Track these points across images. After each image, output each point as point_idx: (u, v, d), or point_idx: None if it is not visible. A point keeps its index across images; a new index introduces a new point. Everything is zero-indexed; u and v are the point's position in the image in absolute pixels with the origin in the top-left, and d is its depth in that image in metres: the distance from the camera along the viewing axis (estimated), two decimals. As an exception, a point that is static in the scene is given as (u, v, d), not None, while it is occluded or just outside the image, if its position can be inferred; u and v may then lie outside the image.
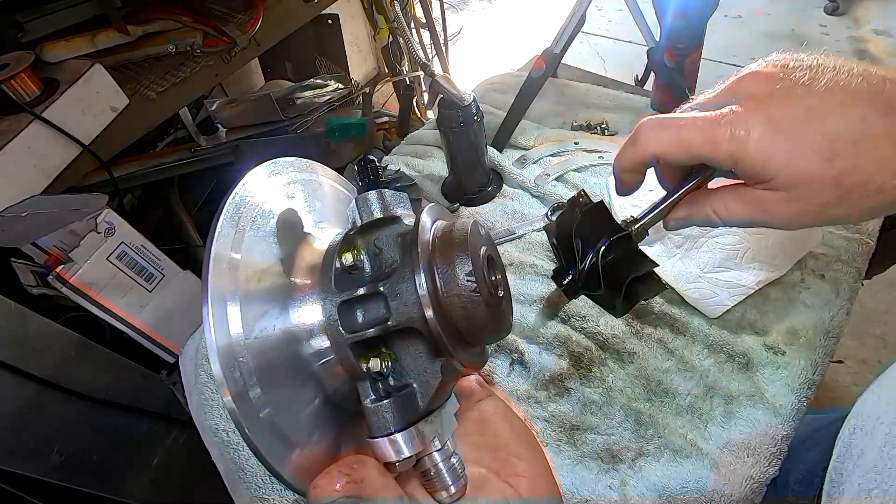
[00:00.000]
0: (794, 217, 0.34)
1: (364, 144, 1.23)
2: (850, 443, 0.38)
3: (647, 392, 0.59)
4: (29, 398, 0.65)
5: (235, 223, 0.27)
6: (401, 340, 0.28)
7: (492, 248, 0.31)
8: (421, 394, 0.27)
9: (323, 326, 0.27)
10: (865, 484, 0.33)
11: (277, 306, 0.27)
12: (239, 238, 0.26)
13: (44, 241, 0.67)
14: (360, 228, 0.30)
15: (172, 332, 0.80)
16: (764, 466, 0.52)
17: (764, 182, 0.33)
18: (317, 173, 0.36)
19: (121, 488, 0.78)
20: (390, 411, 0.26)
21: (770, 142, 0.32)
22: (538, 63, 0.85)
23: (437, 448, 0.29)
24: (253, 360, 0.24)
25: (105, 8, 0.99)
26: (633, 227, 0.41)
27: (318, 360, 0.28)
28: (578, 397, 0.59)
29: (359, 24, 1.68)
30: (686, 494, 0.51)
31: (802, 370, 0.58)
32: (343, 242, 0.29)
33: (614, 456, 0.54)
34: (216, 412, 0.64)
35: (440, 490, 0.29)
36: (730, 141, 0.32)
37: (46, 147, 0.80)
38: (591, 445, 0.55)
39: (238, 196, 0.29)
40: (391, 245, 0.28)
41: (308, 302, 0.28)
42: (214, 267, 0.24)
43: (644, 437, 0.55)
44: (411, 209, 0.32)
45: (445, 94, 0.71)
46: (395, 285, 0.27)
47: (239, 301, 0.24)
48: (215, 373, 0.22)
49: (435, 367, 0.27)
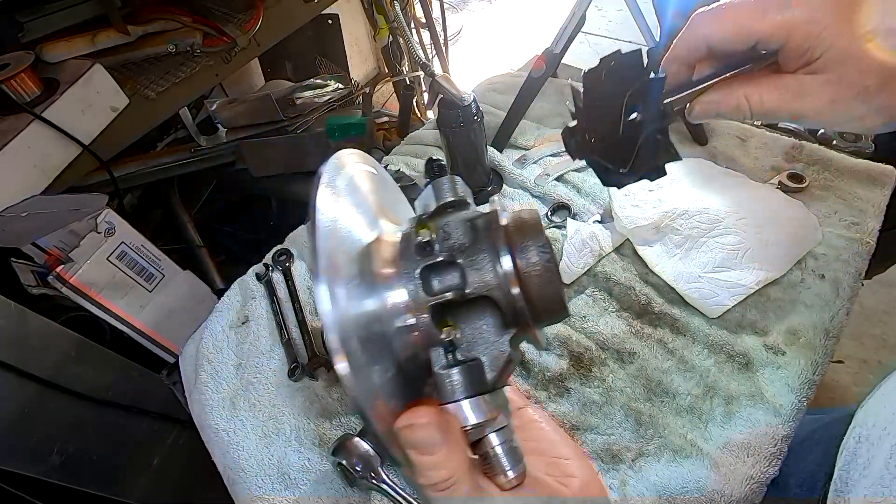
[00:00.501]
0: (828, 104, 0.34)
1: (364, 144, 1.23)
2: (855, 451, 0.38)
3: (648, 392, 0.59)
4: (29, 398, 0.65)
5: (335, 197, 0.29)
6: (470, 312, 0.29)
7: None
8: (489, 367, 0.29)
9: (405, 293, 0.29)
10: (872, 496, 0.33)
11: (366, 279, 0.29)
12: (335, 210, 0.29)
13: (44, 241, 0.67)
14: (435, 211, 0.32)
15: (172, 332, 0.80)
16: (764, 466, 0.52)
17: (808, 63, 0.34)
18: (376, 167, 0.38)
19: (121, 488, 0.78)
20: (460, 378, 0.28)
21: (821, 17, 0.33)
22: (538, 63, 0.85)
23: (498, 427, 0.30)
24: (355, 332, 0.26)
25: (105, 8, 0.99)
26: (664, 101, 0.38)
27: (398, 325, 0.29)
28: (578, 397, 0.59)
29: (359, 24, 1.68)
30: (686, 494, 0.51)
31: (802, 370, 0.58)
32: (419, 222, 0.32)
33: (614, 456, 0.54)
34: (216, 412, 0.64)
35: (499, 474, 0.29)
36: (782, 13, 0.34)
37: (46, 147, 0.80)
38: (592, 445, 0.55)
39: (331, 166, 0.31)
40: (459, 229, 0.30)
41: (392, 273, 0.30)
42: (321, 233, 0.27)
43: (644, 437, 0.55)
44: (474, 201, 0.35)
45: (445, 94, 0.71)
46: (471, 256, 0.29)
47: (342, 275, 0.27)
48: (333, 344, 0.24)
49: (503, 341, 0.29)
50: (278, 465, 0.58)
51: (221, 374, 0.67)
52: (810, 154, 0.80)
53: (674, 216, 0.69)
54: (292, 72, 1.55)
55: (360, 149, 0.35)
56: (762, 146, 0.83)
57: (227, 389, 0.66)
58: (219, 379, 0.67)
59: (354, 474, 0.53)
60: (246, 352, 0.69)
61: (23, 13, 0.94)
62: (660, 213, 0.70)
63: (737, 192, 0.72)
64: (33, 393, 0.65)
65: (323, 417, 0.62)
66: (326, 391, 0.64)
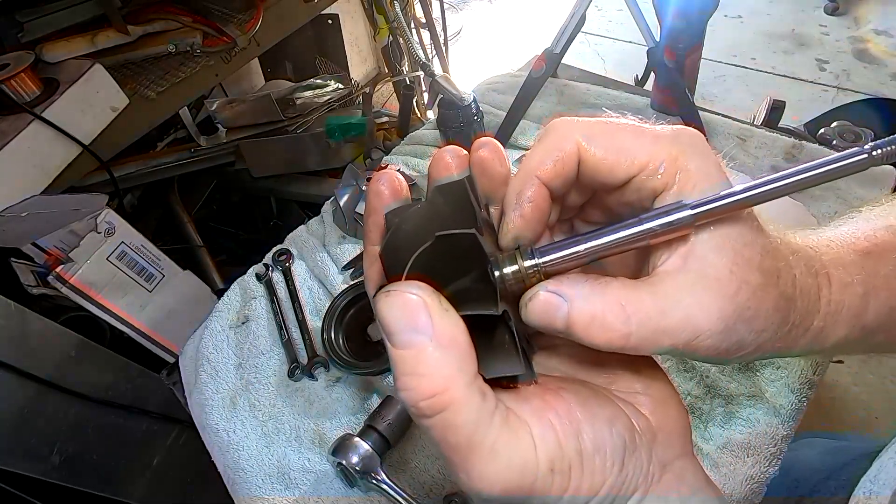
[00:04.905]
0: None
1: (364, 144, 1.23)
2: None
3: (648, 392, 0.59)
4: (29, 398, 0.65)
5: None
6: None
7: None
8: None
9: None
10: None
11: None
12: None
13: (44, 241, 0.67)
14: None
15: (172, 332, 0.80)
16: (764, 466, 0.52)
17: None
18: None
19: (121, 488, 0.78)
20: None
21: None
22: (538, 63, 0.85)
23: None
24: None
25: (105, 8, 0.99)
26: (518, 271, 0.23)
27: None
28: (578, 397, 0.59)
29: (359, 24, 1.67)
30: (686, 494, 0.51)
31: (802, 370, 0.58)
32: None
33: (614, 456, 0.54)
34: (216, 412, 0.64)
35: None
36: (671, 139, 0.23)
37: (46, 147, 0.80)
38: (592, 445, 0.55)
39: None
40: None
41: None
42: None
43: (644, 437, 0.55)
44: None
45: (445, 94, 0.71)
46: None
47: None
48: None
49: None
50: (278, 465, 0.58)
51: (221, 374, 0.67)
52: (810, 154, 0.80)
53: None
54: (292, 72, 1.55)
55: (360, 149, 0.34)
56: (762, 146, 0.83)
57: (227, 389, 0.66)
58: (219, 379, 0.67)
59: (354, 474, 0.53)
60: (246, 352, 0.69)
61: (23, 13, 0.94)
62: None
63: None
64: (33, 393, 0.65)
65: (323, 417, 0.62)
66: (326, 391, 0.64)
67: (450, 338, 0.20)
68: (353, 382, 0.64)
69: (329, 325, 0.67)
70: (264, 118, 1.24)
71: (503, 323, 0.22)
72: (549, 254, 0.23)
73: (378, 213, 0.24)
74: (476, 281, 0.22)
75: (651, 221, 0.22)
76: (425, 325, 0.19)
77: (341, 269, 0.75)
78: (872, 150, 0.21)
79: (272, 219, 1.44)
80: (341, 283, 0.73)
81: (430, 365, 0.19)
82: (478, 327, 0.21)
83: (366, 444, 0.54)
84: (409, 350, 0.19)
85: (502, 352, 0.23)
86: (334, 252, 0.78)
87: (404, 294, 0.20)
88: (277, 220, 1.43)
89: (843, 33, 2.59)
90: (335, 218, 0.81)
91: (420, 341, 0.19)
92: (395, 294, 0.20)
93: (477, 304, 0.22)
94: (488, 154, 0.24)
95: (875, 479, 0.39)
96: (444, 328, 0.19)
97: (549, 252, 0.23)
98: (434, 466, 0.56)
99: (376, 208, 0.25)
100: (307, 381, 0.65)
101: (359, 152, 1.26)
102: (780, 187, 0.22)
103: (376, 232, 0.25)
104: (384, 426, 0.55)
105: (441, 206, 0.23)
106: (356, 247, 0.77)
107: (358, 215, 0.78)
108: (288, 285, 0.75)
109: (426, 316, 0.19)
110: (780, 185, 0.22)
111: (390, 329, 0.20)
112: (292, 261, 0.78)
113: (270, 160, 1.28)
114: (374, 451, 0.54)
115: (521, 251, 0.23)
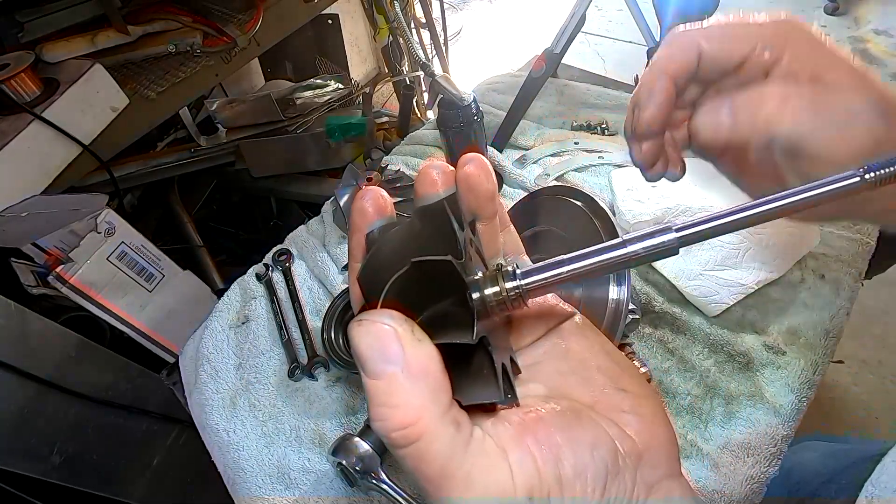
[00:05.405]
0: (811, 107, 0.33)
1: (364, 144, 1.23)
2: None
3: (648, 392, 0.59)
4: (29, 398, 0.65)
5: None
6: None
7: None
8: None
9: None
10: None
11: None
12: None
13: (44, 241, 0.67)
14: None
15: (172, 332, 0.80)
16: (764, 466, 0.52)
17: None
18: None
19: (121, 488, 0.78)
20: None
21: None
22: (538, 63, 0.85)
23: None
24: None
25: (105, 8, 0.99)
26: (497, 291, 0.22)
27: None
28: (578, 397, 0.59)
29: (359, 24, 1.67)
30: (686, 494, 0.51)
31: (803, 370, 0.58)
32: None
33: (614, 456, 0.54)
34: (216, 412, 0.64)
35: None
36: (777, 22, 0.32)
37: (46, 147, 0.80)
38: (592, 445, 0.55)
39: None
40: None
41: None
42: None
43: (644, 437, 0.55)
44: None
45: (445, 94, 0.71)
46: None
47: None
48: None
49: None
50: (278, 465, 0.58)
51: (221, 374, 0.67)
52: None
53: (676, 212, 0.69)
54: (292, 72, 1.55)
55: (360, 149, 0.33)
56: (762, 146, 0.83)
57: (227, 389, 0.66)
58: (219, 379, 0.67)
59: (354, 474, 0.53)
60: (246, 352, 0.69)
61: (23, 13, 0.94)
62: (662, 208, 0.70)
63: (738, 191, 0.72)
64: (33, 393, 0.65)
65: (323, 417, 0.62)
66: (326, 391, 0.64)
67: (422, 368, 0.19)
68: (354, 382, 0.64)
69: (329, 325, 0.67)
70: (264, 118, 1.24)
71: (482, 348, 0.22)
72: (532, 276, 0.22)
73: (361, 232, 0.25)
74: (455, 305, 0.22)
75: (634, 244, 0.22)
76: (397, 355, 0.19)
77: (341, 269, 0.75)
78: (865, 172, 0.21)
79: (272, 219, 1.44)
80: (341, 283, 0.73)
81: (401, 395, 0.19)
82: (455, 353, 0.21)
83: (366, 444, 0.54)
84: (381, 380, 0.19)
85: (480, 378, 0.22)
86: (334, 252, 0.78)
87: (376, 324, 0.20)
88: (277, 220, 1.43)
89: (843, 33, 2.59)
90: (335, 218, 0.81)
91: (392, 371, 0.19)
92: (367, 323, 0.20)
93: (455, 329, 0.21)
94: (474, 170, 0.24)
95: (877, 482, 0.39)
96: (415, 358, 0.19)
97: (531, 274, 0.22)
98: (434, 466, 0.56)
99: (360, 227, 0.25)
100: (307, 381, 0.65)
101: (359, 152, 1.26)
102: (769, 210, 0.22)
103: (359, 250, 0.25)
104: (384, 426, 0.55)
105: (422, 228, 0.23)
106: (356, 247, 0.77)
107: (358, 215, 0.77)
108: (288, 285, 0.75)
109: (398, 346, 0.19)
110: (770, 209, 0.22)
111: (363, 358, 0.19)
112: (292, 261, 0.78)
113: (270, 160, 1.28)
114: (374, 451, 0.54)
115: (503, 273, 0.22)
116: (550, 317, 0.27)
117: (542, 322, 0.27)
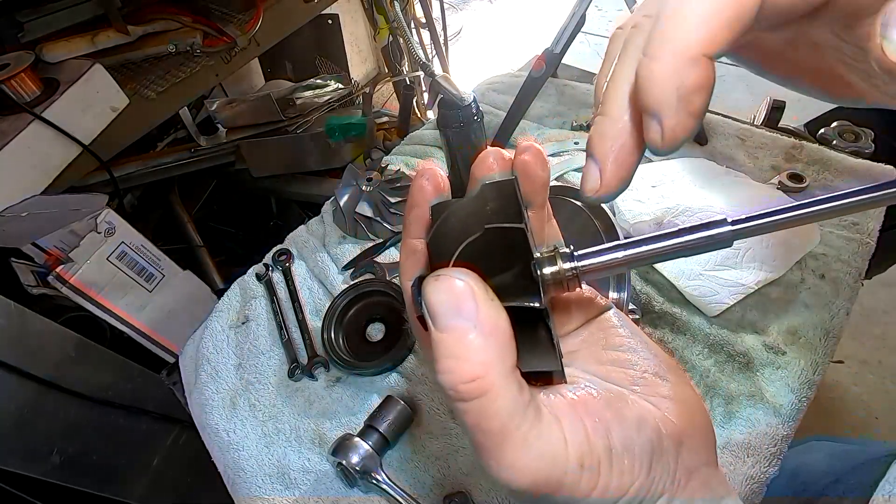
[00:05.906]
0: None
1: (364, 144, 1.23)
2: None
3: (648, 392, 0.59)
4: (29, 398, 0.65)
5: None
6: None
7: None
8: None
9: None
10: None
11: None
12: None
13: (44, 241, 0.67)
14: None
15: (172, 332, 0.80)
16: (764, 466, 0.52)
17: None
18: None
19: (121, 488, 0.78)
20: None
21: None
22: (538, 63, 0.85)
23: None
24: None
25: (105, 8, 0.99)
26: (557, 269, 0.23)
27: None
28: (578, 397, 0.59)
29: (359, 24, 1.68)
30: (686, 494, 0.51)
31: (803, 370, 0.58)
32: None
33: (614, 456, 0.54)
34: (216, 412, 0.64)
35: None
36: None
37: (46, 147, 0.80)
38: (592, 445, 0.55)
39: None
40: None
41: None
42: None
43: (644, 437, 0.55)
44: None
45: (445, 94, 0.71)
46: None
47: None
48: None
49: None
50: (278, 465, 0.58)
51: (221, 374, 0.67)
52: (810, 154, 0.80)
53: (676, 212, 0.69)
54: (292, 72, 1.55)
55: (360, 149, 0.34)
56: (762, 146, 0.83)
57: (227, 389, 0.66)
58: (219, 379, 0.67)
59: (354, 474, 0.53)
60: (246, 352, 0.69)
61: (23, 13, 0.94)
62: (662, 208, 0.70)
63: (738, 192, 0.72)
64: (33, 393, 0.65)
65: (323, 417, 0.62)
66: (326, 391, 0.64)
67: (493, 326, 0.20)
68: (353, 382, 0.64)
69: (329, 325, 0.67)
70: (264, 118, 1.24)
71: (542, 319, 0.23)
72: (587, 259, 0.23)
73: (421, 207, 0.25)
74: (518, 276, 0.23)
75: (689, 234, 0.22)
76: (470, 311, 0.20)
77: (341, 269, 0.75)
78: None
79: (272, 219, 1.44)
80: (341, 283, 0.73)
81: (471, 350, 0.19)
82: (517, 321, 0.21)
83: (366, 444, 0.54)
84: (452, 334, 0.20)
85: (540, 347, 0.23)
86: (334, 252, 0.78)
87: (453, 279, 0.20)
88: (277, 220, 1.43)
89: (843, 33, 2.59)
90: (335, 218, 0.81)
91: (463, 326, 0.20)
92: (444, 279, 0.20)
93: (518, 298, 0.22)
94: (531, 158, 0.25)
95: (895, 480, 0.39)
96: (488, 316, 0.20)
97: (587, 257, 0.23)
98: (434, 466, 0.56)
99: (419, 202, 0.25)
100: (307, 381, 0.65)
101: (359, 152, 1.26)
102: (820, 210, 0.22)
103: (417, 225, 0.26)
104: (384, 426, 0.55)
105: (487, 202, 0.24)
106: (356, 247, 0.77)
107: (358, 215, 0.77)
108: (288, 285, 0.75)
109: (472, 302, 0.20)
110: (822, 209, 0.22)
111: (435, 312, 0.20)
112: (292, 261, 0.78)
113: (270, 160, 1.28)
114: (374, 451, 0.54)
115: (561, 254, 0.23)
116: (589, 308, 0.28)
117: (580, 312, 0.28)
